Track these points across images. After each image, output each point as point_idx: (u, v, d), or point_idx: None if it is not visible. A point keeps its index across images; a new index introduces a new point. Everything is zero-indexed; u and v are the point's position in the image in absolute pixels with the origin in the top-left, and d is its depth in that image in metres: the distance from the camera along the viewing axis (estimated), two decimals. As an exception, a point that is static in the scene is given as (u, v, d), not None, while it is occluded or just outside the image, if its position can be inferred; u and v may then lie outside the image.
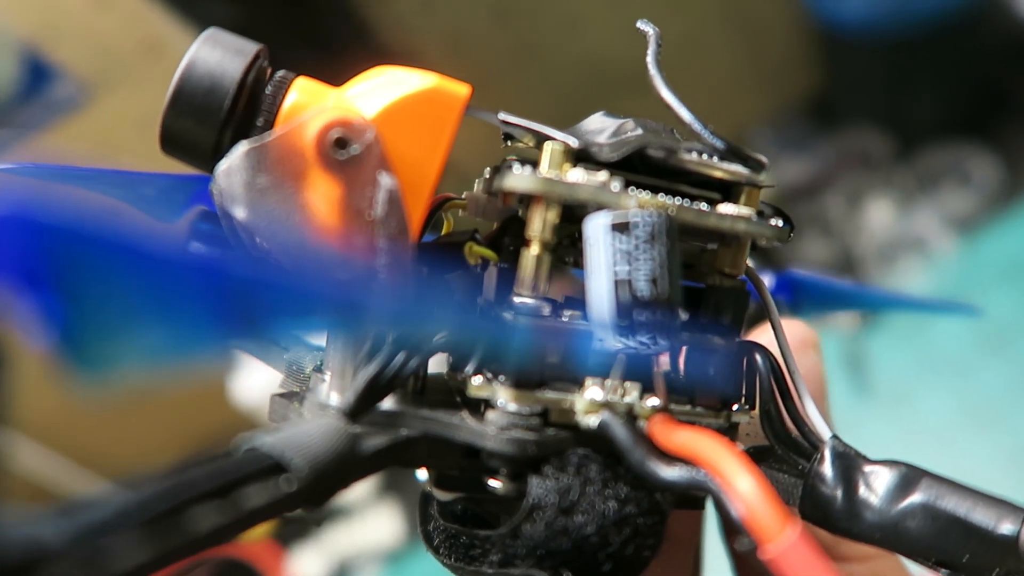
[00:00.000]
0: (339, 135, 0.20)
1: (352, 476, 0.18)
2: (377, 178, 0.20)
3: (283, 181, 0.20)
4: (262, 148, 0.20)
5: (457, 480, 0.22)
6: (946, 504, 0.19)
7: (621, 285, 0.18)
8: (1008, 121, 1.03)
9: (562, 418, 0.21)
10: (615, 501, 0.20)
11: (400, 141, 0.20)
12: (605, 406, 0.20)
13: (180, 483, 0.14)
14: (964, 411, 0.75)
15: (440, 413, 0.21)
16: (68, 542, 0.11)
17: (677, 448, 0.19)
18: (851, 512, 0.20)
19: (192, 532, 0.14)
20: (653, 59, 0.23)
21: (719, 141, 0.21)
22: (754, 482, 0.17)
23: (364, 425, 0.20)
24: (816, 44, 1.05)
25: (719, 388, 0.22)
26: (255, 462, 0.16)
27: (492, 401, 0.21)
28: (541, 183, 0.20)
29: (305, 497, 0.16)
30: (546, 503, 0.20)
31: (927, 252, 0.98)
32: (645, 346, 0.18)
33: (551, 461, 0.20)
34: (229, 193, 0.20)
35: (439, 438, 0.21)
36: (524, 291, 0.21)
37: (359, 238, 0.20)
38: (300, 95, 0.21)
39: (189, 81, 0.20)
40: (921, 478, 0.20)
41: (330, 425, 0.18)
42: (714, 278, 0.22)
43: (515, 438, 0.20)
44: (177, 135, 0.20)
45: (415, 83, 0.20)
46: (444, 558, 0.22)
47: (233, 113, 0.20)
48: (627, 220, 0.18)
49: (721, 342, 0.22)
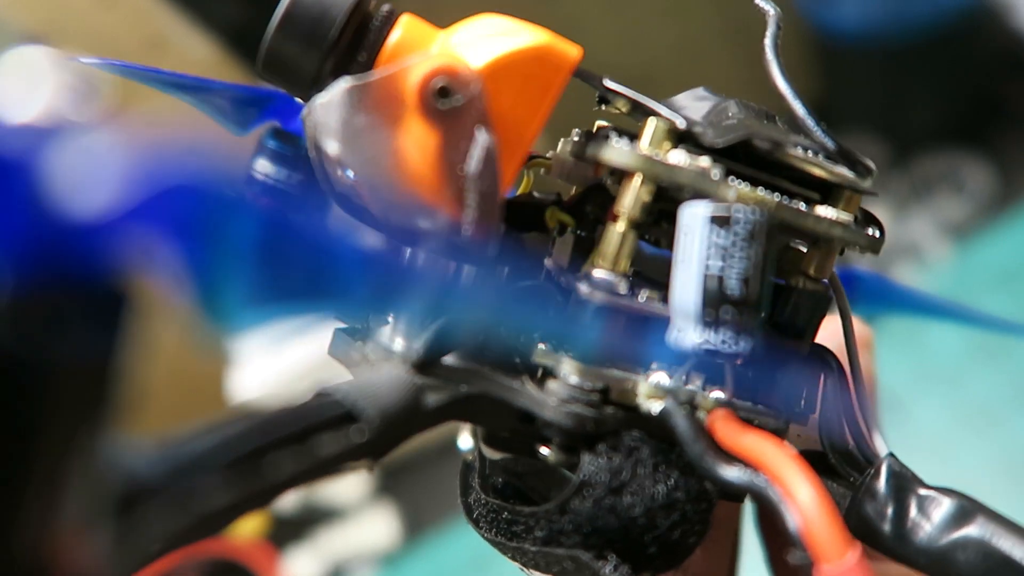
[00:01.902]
0: (443, 84, 0.19)
1: (415, 429, 0.18)
2: (475, 132, 0.19)
3: (381, 123, 0.19)
4: (364, 87, 0.19)
5: (508, 441, 0.22)
6: (1001, 543, 0.19)
7: (711, 280, 0.18)
8: (1003, 129, 1.01)
9: (622, 398, 0.21)
10: (664, 485, 0.20)
11: (503, 97, 0.20)
12: (669, 393, 0.20)
13: (260, 426, 0.14)
14: (958, 419, 0.75)
15: (501, 374, 0.21)
16: (163, 478, 0.12)
17: (739, 449, 0.19)
18: (899, 533, 0.20)
19: (271, 477, 0.14)
20: (772, 42, 0.22)
21: (830, 140, 0.20)
22: (818, 498, 0.17)
23: (430, 377, 0.20)
24: (812, 52, 1.03)
25: (784, 390, 0.22)
26: (328, 409, 0.16)
27: (554, 370, 0.21)
28: (642, 161, 0.19)
29: (374, 448, 0.16)
30: (596, 481, 0.20)
31: (921, 258, 0.97)
32: (726, 344, 0.18)
33: (606, 439, 0.20)
34: (325, 126, 0.19)
35: (498, 400, 0.21)
36: (604, 265, 0.20)
37: (449, 190, 0.20)
38: (405, 33, 0.20)
39: (299, 6, 0.19)
40: (978, 512, 0.19)
41: (399, 376, 0.18)
42: (798, 279, 0.21)
43: (574, 412, 0.20)
44: (280, 59, 0.20)
45: (527, 39, 0.20)
46: (484, 532, 0.22)
47: (339, 43, 0.20)
48: (728, 214, 0.18)
49: (793, 344, 0.21)
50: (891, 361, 0.80)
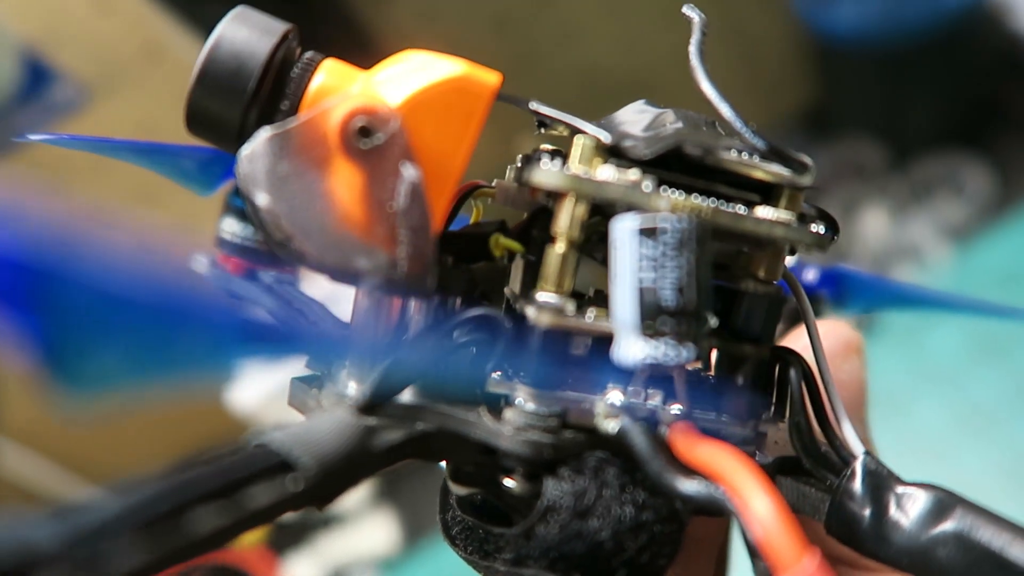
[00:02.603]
0: (363, 123, 0.19)
1: (364, 472, 0.18)
2: (400, 168, 0.19)
3: (306, 168, 0.19)
4: (285, 135, 0.19)
5: (473, 476, 0.21)
6: (981, 536, 0.18)
7: (646, 292, 0.18)
8: (1001, 131, 1.01)
9: (581, 420, 0.20)
10: (632, 507, 0.20)
11: (426, 131, 0.20)
12: (625, 411, 0.20)
13: (181, 483, 0.14)
14: (958, 420, 0.74)
15: (458, 408, 0.21)
16: (63, 545, 0.11)
17: (696, 462, 0.18)
18: (879, 533, 0.19)
19: (193, 534, 0.13)
20: (696, 48, 0.21)
21: (760, 140, 0.20)
22: (772, 506, 0.16)
23: (380, 418, 0.20)
24: (811, 56, 1.04)
25: (746, 397, 0.21)
26: (262, 460, 0.16)
27: (511, 398, 0.20)
28: (568, 180, 0.19)
29: (313, 496, 0.16)
30: (561, 505, 0.19)
31: (921, 261, 0.97)
32: (667, 356, 0.18)
33: (568, 463, 0.20)
34: (251, 178, 0.19)
35: (455, 434, 0.21)
36: (548, 288, 0.20)
37: (382, 228, 0.20)
38: (327, 78, 0.21)
39: (215, 60, 0.20)
40: (956, 505, 0.19)
41: (342, 420, 0.18)
42: (747, 283, 0.21)
43: (531, 440, 0.20)
44: (202, 115, 0.20)
45: (443, 70, 0.20)
46: (460, 549, 0.22)
47: (258, 94, 0.20)
48: (655, 225, 0.18)
49: (751, 349, 0.21)
50: (890, 362, 0.79)
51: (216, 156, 0.27)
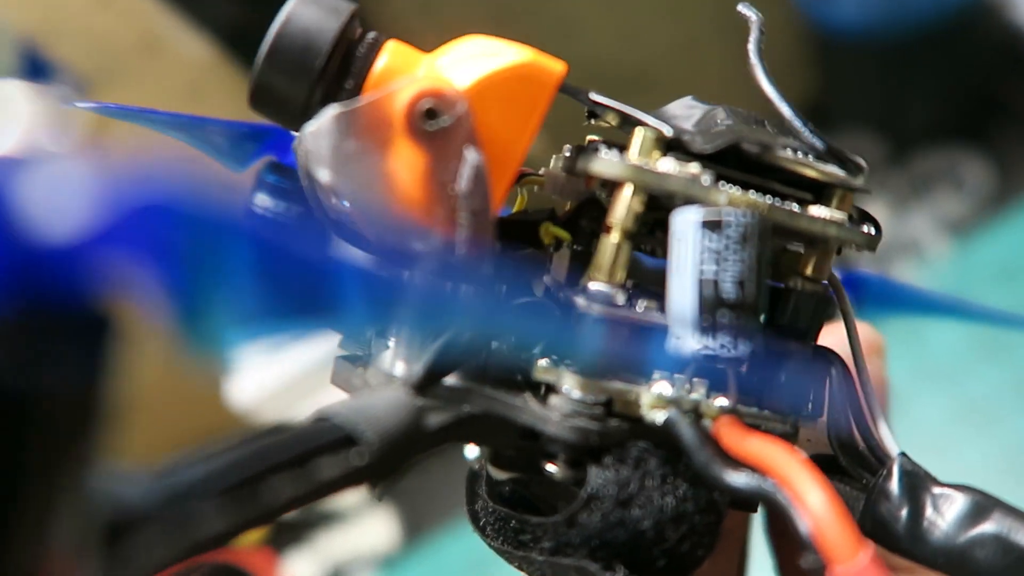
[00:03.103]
0: (430, 105, 0.19)
1: (417, 450, 0.18)
2: (464, 152, 0.20)
3: (370, 148, 0.19)
4: (352, 113, 0.19)
5: (514, 460, 0.22)
6: (1020, 538, 0.18)
7: (706, 285, 0.18)
8: (1001, 125, 1.01)
9: (626, 409, 0.21)
10: (673, 497, 0.20)
11: (491, 116, 0.20)
12: (672, 403, 0.20)
13: (258, 452, 0.14)
14: (959, 415, 0.75)
15: (502, 392, 0.21)
16: (157, 506, 0.12)
17: (746, 455, 0.18)
18: (915, 534, 0.20)
19: (269, 502, 0.14)
20: (755, 47, 0.22)
21: (818, 140, 0.20)
22: (827, 499, 0.16)
23: (428, 399, 0.20)
24: (810, 49, 1.03)
25: (789, 393, 0.21)
26: (328, 433, 0.16)
27: (556, 386, 0.21)
28: (631, 170, 0.19)
29: (375, 471, 0.16)
30: (604, 494, 0.20)
31: (921, 255, 0.97)
32: (725, 349, 0.18)
33: (612, 452, 0.20)
34: (315, 155, 0.20)
35: (501, 418, 0.21)
36: (600, 277, 0.20)
37: (441, 211, 0.20)
38: (391, 59, 0.21)
39: (285, 38, 0.20)
40: (995, 508, 0.19)
41: (398, 398, 0.18)
42: (795, 281, 0.21)
43: (578, 426, 0.20)
44: (269, 92, 0.20)
45: (510, 57, 0.20)
46: (491, 540, 0.22)
47: (326, 73, 0.20)
48: (720, 218, 0.18)
49: (796, 346, 0.21)
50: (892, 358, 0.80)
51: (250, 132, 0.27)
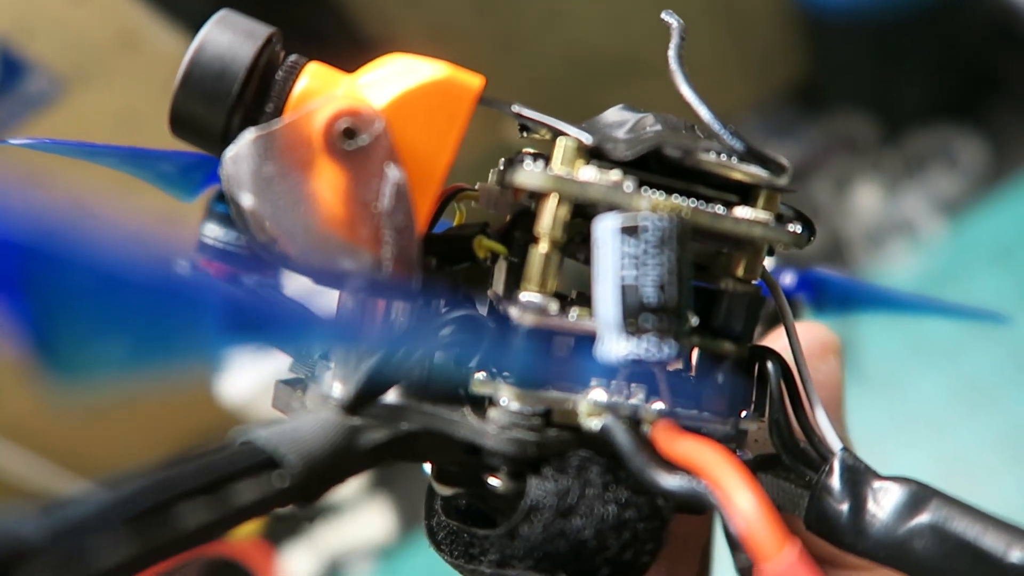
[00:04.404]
0: (347, 125, 0.19)
1: (349, 471, 0.18)
2: (384, 170, 0.20)
3: (290, 169, 0.19)
4: (269, 136, 0.19)
5: (458, 475, 0.22)
6: (956, 527, 0.18)
7: (628, 290, 0.18)
8: (994, 103, 1.02)
9: (565, 419, 0.20)
10: (615, 505, 0.20)
11: (409, 132, 0.20)
12: (608, 409, 0.20)
13: (167, 479, 0.14)
14: (954, 394, 0.75)
15: (443, 408, 0.21)
16: (49, 539, 0.11)
17: (678, 457, 0.18)
18: (857, 528, 0.20)
19: (179, 529, 0.13)
20: (675, 53, 0.22)
21: (739, 142, 0.20)
22: (754, 498, 0.16)
23: (365, 418, 0.20)
24: (801, 29, 1.04)
25: (727, 394, 0.21)
26: (248, 457, 0.16)
27: (495, 398, 0.20)
28: (551, 180, 0.19)
29: (298, 493, 0.16)
30: (544, 504, 0.20)
31: (915, 235, 0.97)
32: (650, 352, 0.18)
33: (551, 462, 0.20)
34: (236, 180, 0.20)
35: (440, 434, 0.21)
36: (531, 288, 0.20)
37: (365, 229, 0.20)
38: (311, 81, 0.21)
39: (199, 64, 0.20)
40: (932, 498, 0.19)
41: (328, 419, 0.18)
42: (727, 282, 0.21)
43: (515, 438, 0.20)
44: (186, 119, 0.20)
45: (426, 73, 0.20)
46: (446, 554, 0.22)
47: (242, 98, 0.20)
48: (636, 224, 0.18)
49: (731, 348, 0.21)
50: (887, 339, 0.81)
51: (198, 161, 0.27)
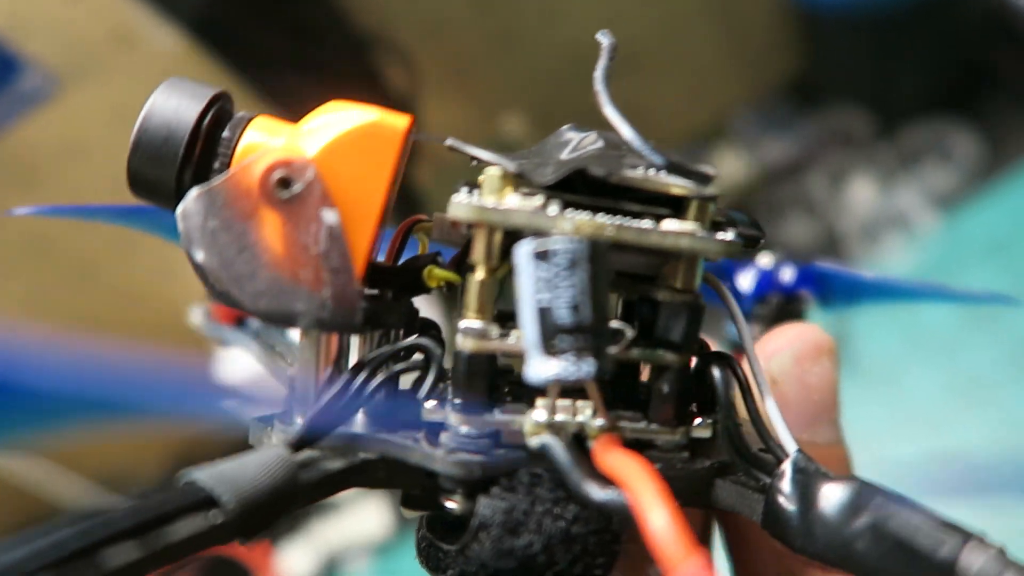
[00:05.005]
0: (282, 175, 0.21)
1: (291, 506, 0.19)
2: (320, 214, 0.21)
3: (233, 221, 0.21)
4: (211, 191, 0.21)
5: (420, 499, 0.22)
6: (891, 526, 0.18)
7: (543, 313, 0.19)
8: (989, 97, 0.99)
9: (513, 439, 0.21)
10: (563, 521, 0.20)
11: (342, 177, 0.21)
12: (550, 427, 0.21)
13: (98, 522, 0.15)
14: (951, 388, 0.73)
15: (399, 435, 0.22)
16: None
17: (608, 471, 0.19)
18: (807, 531, 0.20)
19: (110, 569, 0.15)
20: (602, 74, 0.22)
21: (659, 157, 0.20)
22: (664, 512, 0.17)
23: (321, 449, 0.21)
24: (797, 24, 1.03)
25: (673, 404, 0.22)
26: (187, 496, 0.17)
27: (446, 423, 0.21)
28: (475, 210, 0.20)
29: (234, 530, 0.17)
30: (492, 522, 0.20)
31: (910, 229, 0.95)
32: (569, 372, 0.19)
33: (500, 481, 0.21)
34: (187, 235, 0.21)
35: (396, 460, 0.22)
36: (470, 315, 0.21)
37: (308, 272, 0.21)
38: (255, 135, 0.22)
39: (147, 131, 0.21)
40: (873, 497, 0.19)
41: (271, 456, 0.19)
42: (663, 293, 0.22)
43: (461, 460, 0.21)
44: (141, 181, 0.22)
45: (354, 120, 0.21)
46: (424, 565, 0.23)
47: (189, 157, 0.21)
48: (547, 248, 0.18)
49: (673, 357, 0.22)
50: (884, 333, 0.79)
51: None
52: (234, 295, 0.21)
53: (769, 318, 0.37)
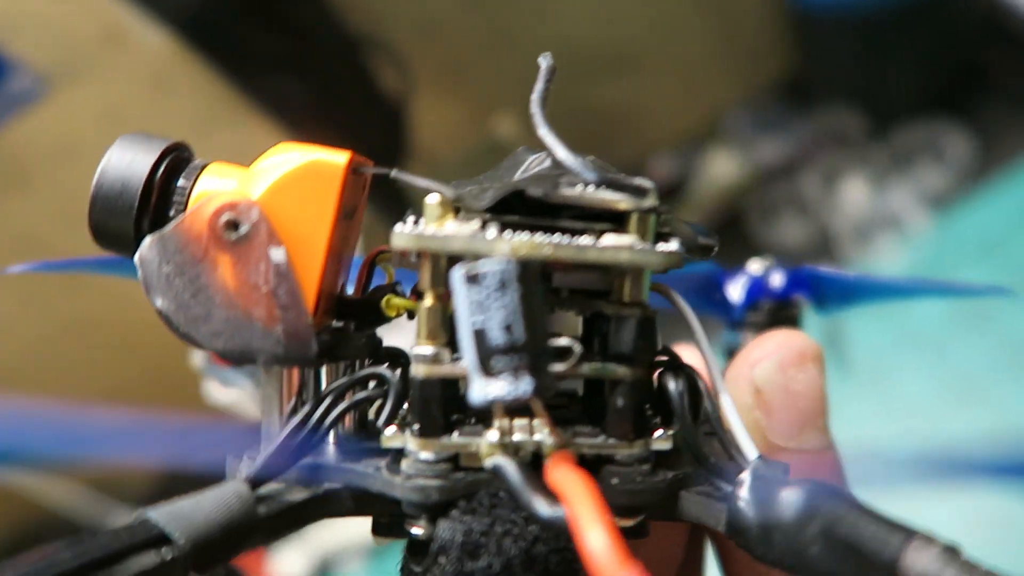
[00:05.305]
0: (229, 217, 0.21)
1: (247, 541, 0.20)
2: (268, 253, 0.21)
3: (186, 265, 0.21)
4: (163, 238, 0.21)
5: (388, 526, 0.23)
6: (840, 530, 0.18)
7: (478, 335, 0.19)
8: (981, 98, 0.97)
9: (471, 462, 0.21)
10: (524, 541, 0.21)
11: (287, 216, 0.22)
12: (504, 448, 0.21)
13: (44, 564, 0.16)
14: (943, 387, 0.71)
15: (362, 463, 0.22)
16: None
17: (554, 488, 0.19)
18: (766, 538, 0.20)
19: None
20: (538, 96, 0.23)
21: (592, 174, 0.21)
22: (597, 524, 0.17)
23: (286, 481, 0.22)
24: (789, 24, 1.02)
25: (629, 418, 0.22)
26: (141, 533, 0.18)
27: (405, 450, 0.22)
28: (413, 239, 0.21)
29: (188, 566, 0.18)
30: (450, 545, 0.20)
31: (902, 229, 0.94)
32: (507, 392, 0.19)
33: (459, 504, 0.21)
34: (145, 283, 0.22)
35: (358, 489, 0.22)
36: (422, 341, 0.21)
37: (259, 310, 0.21)
38: (209, 181, 0.23)
39: (103, 186, 0.22)
40: (825, 501, 0.19)
41: (228, 492, 0.20)
42: (610, 307, 0.22)
43: (418, 485, 0.21)
44: (103, 232, 0.23)
45: (295, 160, 0.22)
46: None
47: (145, 207, 0.22)
48: (476, 271, 0.19)
49: (624, 371, 0.22)
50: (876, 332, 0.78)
51: None
52: (193, 336, 0.22)
53: (762, 324, 0.37)
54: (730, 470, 0.21)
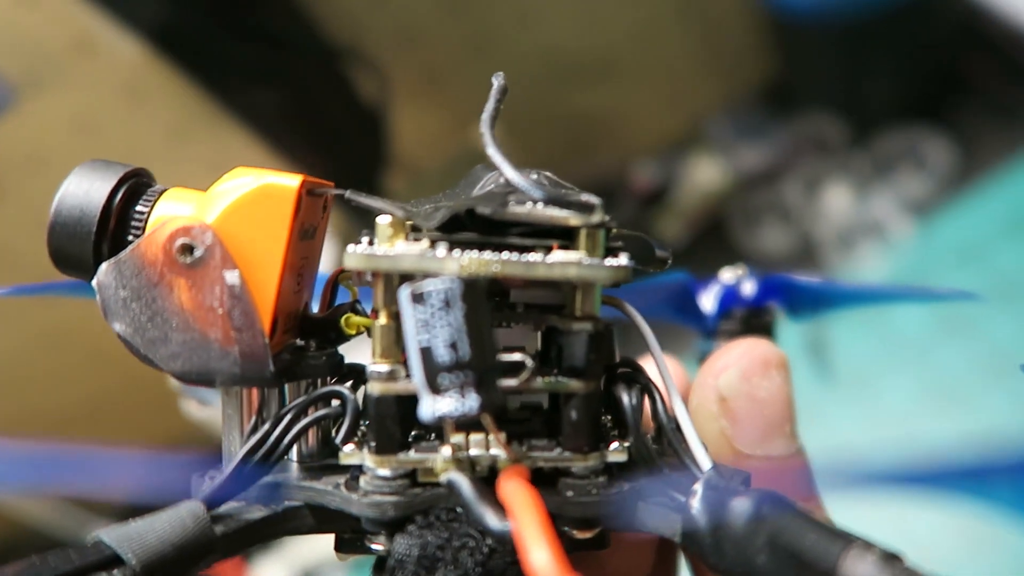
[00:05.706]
0: (184, 241, 0.22)
1: (211, 556, 0.20)
2: (223, 275, 0.22)
3: (142, 289, 0.22)
4: (119, 262, 0.22)
5: (351, 542, 0.23)
6: (784, 539, 0.18)
7: (424, 353, 0.19)
8: (962, 103, 0.98)
9: (427, 477, 0.22)
10: (481, 554, 0.21)
11: (241, 239, 0.22)
12: (458, 463, 0.21)
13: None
14: (926, 393, 0.71)
15: (322, 481, 0.22)
16: None
17: (503, 503, 0.19)
18: (718, 547, 0.20)
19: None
20: (488, 116, 0.23)
21: (538, 191, 0.21)
22: (538, 537, 0.17)
23: (247, 500, 0.22)
24: (770, 31, 1.03)
25: (583, 431, 0.22)
26: (94, 554, 0.18)
27: (363, 467, 0.22)
28: (364, 259, 0.21)
29: None
30: (407, 560, 0.21)
31: (885, 236, 0.94)
32: (454, 408, 0.19)
33: (415, 519, 0.21)
34: (103, 307, 0.22)
35: (319, 507, 0.22)
36: (376, 358, 0.22)
37: (215, 331, 0.22)
38: (167, 206, 0.23)
39: (61, 212, 0.22)
40: (771, 512, 0.19)
41: (183, 512, 0.20)
42: (563, 322, 0.22)
43: (374, 502, 0.21)
44: (62, 258, 0.23)
45: (248, 185, 0.22)
46: None
47: (103, 233, 0.23)
48: (421, 291, 0.19)
49: (577, 384, 0.22)
50: (858, 339, 0.78)
51: None
52: (152, 359, 0.22)
53: (735, 332, 0.37)
54: (685, 480, 0.22)
